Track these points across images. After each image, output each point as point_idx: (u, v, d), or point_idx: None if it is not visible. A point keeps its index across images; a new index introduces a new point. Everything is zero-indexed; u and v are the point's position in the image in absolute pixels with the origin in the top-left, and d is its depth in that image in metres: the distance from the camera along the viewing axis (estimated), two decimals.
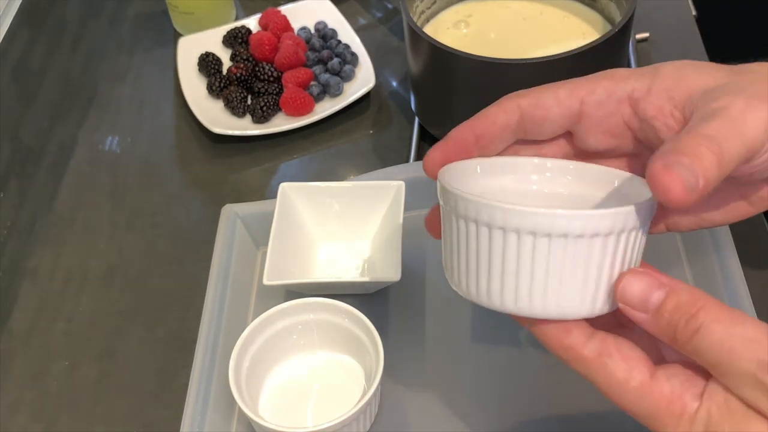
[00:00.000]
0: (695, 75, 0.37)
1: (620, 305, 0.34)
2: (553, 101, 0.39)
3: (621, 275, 0.35)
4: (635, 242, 0.35)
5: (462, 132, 0.40)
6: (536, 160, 0.41)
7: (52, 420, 0.55)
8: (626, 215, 0.34)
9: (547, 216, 0.33)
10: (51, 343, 0.60)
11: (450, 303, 0.57)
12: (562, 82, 0.40)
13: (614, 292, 0.35)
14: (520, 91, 0.40)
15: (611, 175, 0.40)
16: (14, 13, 0.80)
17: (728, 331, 0.32)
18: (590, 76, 0.39)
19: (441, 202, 0.38)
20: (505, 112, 0.40)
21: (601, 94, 0.39)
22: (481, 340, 0.55)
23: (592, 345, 0.35)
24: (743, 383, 0.32)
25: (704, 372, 0.34)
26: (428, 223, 0.43)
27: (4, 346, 0.60)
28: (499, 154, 0.41)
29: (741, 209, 0.41)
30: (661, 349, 0.38)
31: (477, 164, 0.41)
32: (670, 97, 0.37)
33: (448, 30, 0.69)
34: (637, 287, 0.34)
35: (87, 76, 0.83)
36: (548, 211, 0.33)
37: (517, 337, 0.55)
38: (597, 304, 0.35)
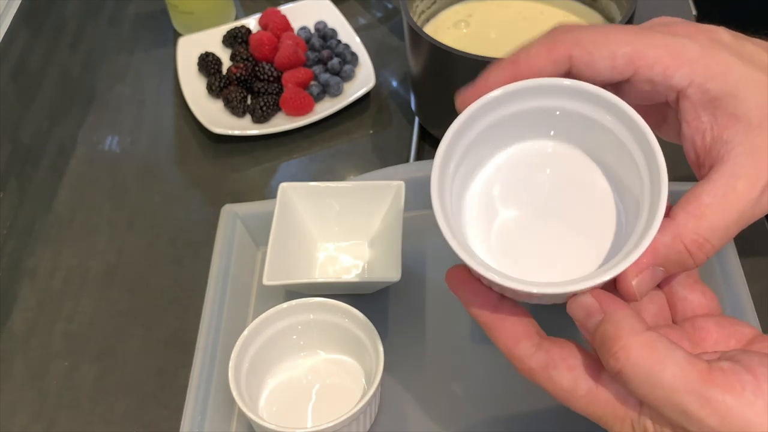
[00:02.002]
0: (732, 75, 0.35)
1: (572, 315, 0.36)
2: (608, 63, 0.35)
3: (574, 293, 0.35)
4: None
5: (500, 72, 0.37)
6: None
7: (51, 420, 0.55)
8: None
9: (527, 288, 0.35)
10: (51, 343, 0.60)
11: (450, 303, 0.57)
12: (620, 35, 0.36)
13: (568, 303, 0.36)
14: (572, 32, 0.36)
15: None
16: (14, 13, 0.80)
17: (647, 380, 0.32)
18: (653, 34, 0.36)
19: None
20: (554, 62, 0.36)
21: (657, 75, 0.35)
22: (481, 340, 0.55)
23: (538, 356, 0.36)
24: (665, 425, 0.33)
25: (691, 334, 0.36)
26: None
27: (4, 346, 0.60)
28: None
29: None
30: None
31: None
32: (706, 105, 0.35)
33: (448, 30, 0.69)
34: (583, 305, 0.35)
35: (86, 76, 0.83)
36: (525, 288, 0.35)
37: None
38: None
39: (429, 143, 0.70)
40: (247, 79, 0.75)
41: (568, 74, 0.36)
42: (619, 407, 0.34)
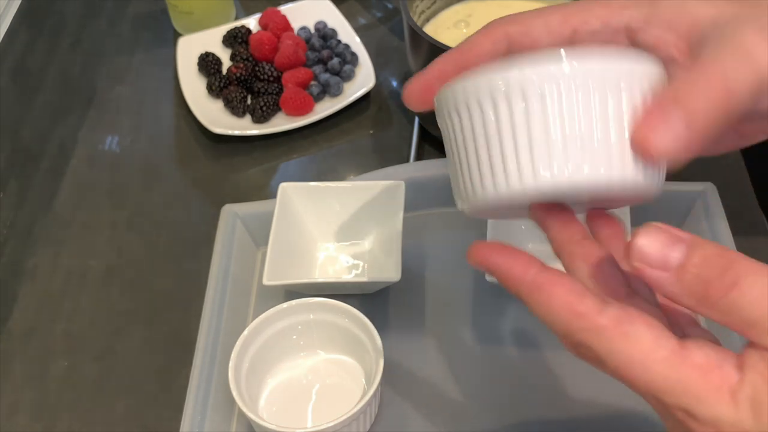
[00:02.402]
0: (698, 4, 0.34)
1: (636, 265, 0.29)
2: (543, 29, 0.36)
3: (635, 232, 0.30)
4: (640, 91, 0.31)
5: (444, 63, 0.37)
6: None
7: (51, 420, 0.55)
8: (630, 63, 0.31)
9: (540, 67, 0.30)
10: (51, 343, 0.60)
11: (450, 303, 0.57)
12: (554, 7, 0.37)
13: (628, 254, 0.30)
14: (507, 17, 0.38)
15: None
16: (14, 13, 0.80)
17: None
18: (583, 2, 0.37)
19: (439, 116, 0.35)
20: (492, 41, 0.37)
21: (596, 23, 0.36)
22: (481, 340, 0.55)
23: (610, 311, 0.30)
24: None
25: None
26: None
27: (4, 346, 0.60)
28: None
29: (731, 141, 0.39)
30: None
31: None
32: (672, 28, 0.34)
33: (448, 30, 0.69)
34: (653, 242, 0.29)
35: (87, 76, 0.83)
36: (538, 65, 0.30)
37: (517, 337, 0.55)
38: (626, 166, 0.31)
39: (429, 143, 0.70)
40: (247, 79, 0.75)
41: (509, 51, 0.37)
42: (715, 372, 0.29)
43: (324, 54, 0.77)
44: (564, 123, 0.31)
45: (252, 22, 0.82)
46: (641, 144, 0.31)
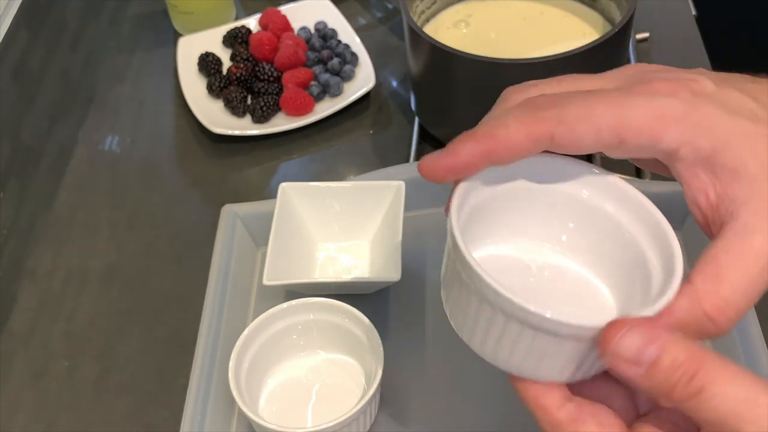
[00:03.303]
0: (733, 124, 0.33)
1: (610, 358, 0.32)
2: (592, 138, 0.34)
3: (614, 326, 0.32)
4: None
5: (475, 149, 0.34)
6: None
7: (52, 420, 0.55)
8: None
9: (536, 315, 0.32)
10: (51, 343, 0.60)
11: None
12: (604, 101, 0.34)
13: (604, 344, 0.32)
14: (554, 106, 0.34)
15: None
16: (14, 13, 0.80)
17: (733, 393, 0.30)
18: (635, 98, 0.34)
19: (447, 252, 0.36)
20: (534, 141, 0.34)
21: (645, 141, 0.34)
22: None
23: (568, 408, 0.34)
24: None
25: (685, 426, 0.33)
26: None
27: (4, 346, 0.60)
28: None
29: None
30: (636, 401, 0.36)
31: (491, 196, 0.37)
32: (702, 163, 0.33)
33: (448, 30, 0.69)
34: (631, 342, 0.31)
35: (87, 76, 0.83)
36: (538, 312, 0.32)
37: None
38: (576, 375, 0.35)
39: (429, 143, 0.70)
40: (248, 79, 0.75)
41: (548, 149, 0.35)
42: None
43: (324, 54, 0.77)
44: (530, 348, 0.34)
45: (252, 23, 0.82)
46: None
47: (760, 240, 0.32)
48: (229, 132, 0.72)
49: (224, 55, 0.80)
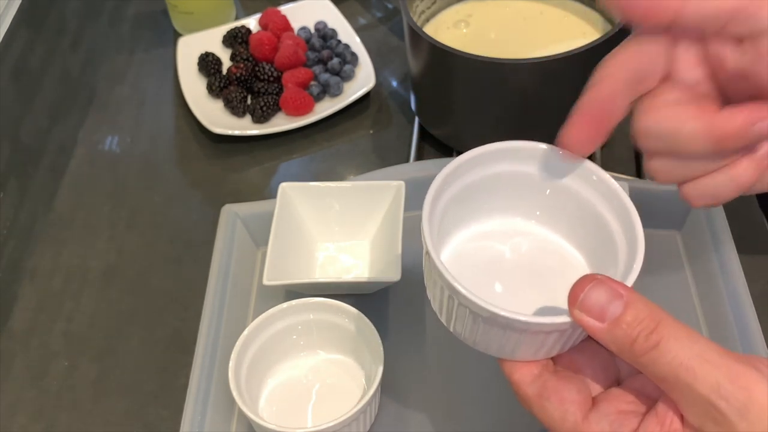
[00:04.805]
0: None
1: (576, 313, 0.35)
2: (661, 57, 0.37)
3: (581, 282, 0.35)
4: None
5: (591, 110, 0.39)
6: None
7: (51, 420, 0.55)
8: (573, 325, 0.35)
9: (503, 317, 0.35)
10: (51, 343, 0.60)
11: None
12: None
13: (571, 299, 0.35)
14: (616, 60, 0.38)
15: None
16: (14, 13, 0.80)
17: (687, 349, 0.33)
18: None
19: (425, 256, 0.40)
20: (622, 79, 0.38)
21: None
22: None
23: (534, 385, 0.38)
24: (695, 404, 0.33)
25: (647, 402, 0.36)
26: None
27: (4, 346, 0.60)
28: None
29: None
30: (619, 366, 0.39)
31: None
32: None
33: (448, 30, 0.69)
34: (596, 296, 0.34)
35: (87, 76, 0.83)
36: (506, 315, 0.35)
37: None
38: (552, 353, 0.38)
39: (429, 143, 0.70)
40: (247, 79, 0.75)
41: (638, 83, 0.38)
42: None
43: (324, 54, 0.77)
44: (501, 340, 0.38)
45: (252, 22, 0.82)
46: None
47: None
48: (229, 132, 0.72)
49: (224, 55, 0.80)
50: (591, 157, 0.41)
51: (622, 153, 0.67)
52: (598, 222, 0.40)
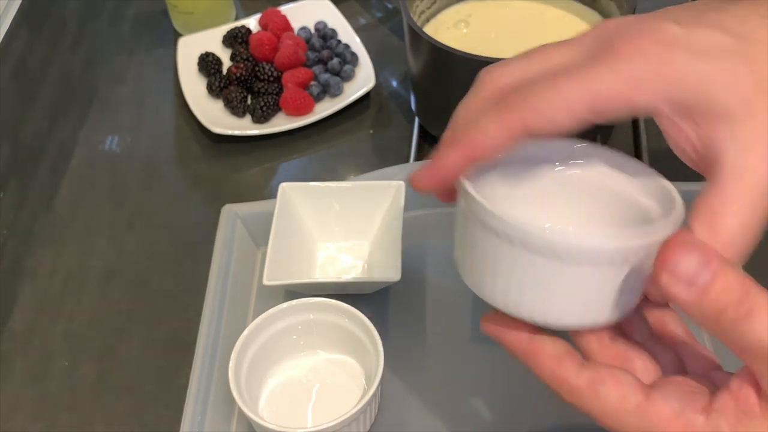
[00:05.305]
0: (694, 67, 0.33)
1: (665, 279, 0.31)
2: (566, 119, 0.34)
3: (673, 244, 0.32)
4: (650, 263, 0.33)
5: (457, 157, 0.36)
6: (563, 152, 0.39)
7: (52, 420, 0.55)
8: (646, 246, 0.33)
9: (564, 243, 0.32)
10: (51, 343, 0.60)
11: (450, 303, 0.57)
12: (574, 77, 0.34)
13: (661, 262, 0.31)
14: (523, 96, 0.34)
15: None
16: (14, 13, 0.80)
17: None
18: (602, 65, 0.34)
19: (460, 202, 0.37)
20: (511, 136, 0.35)
21: (621, 106, 0.34)
22: (481, 340, 0.55)
23: (584, 374, 0.35)
24: None
25: (708, 384, 0.34)
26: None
27: (4, 346, 0.60)
28: None
29: None
30: (680, 354, 0.37)
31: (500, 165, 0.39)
32: (682, 114, 0.34)
33: (448, 30, 0.69)
34: (689, 263, 0.31)
35: (87, 76, 0.83)
36: (565, 238, 0.32)
37: None
38: (611, 316, 0.35)
39: (429, 143, 0.70)
40: (248, 79, 0.75)
41: (528, 138, 0.35)
42: (678, 419, 0.33)
43: (324, 54, 0.77)
44: (564, 285, 0.34)
45: (252, 23, 0.82)
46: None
47: (748, 179, 0.32)
48: (229, 132, 0.72)
49: (224, 55, 0.80)
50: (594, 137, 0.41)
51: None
52: (624, 198, 0.39)
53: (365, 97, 0.75)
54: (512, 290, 0.35)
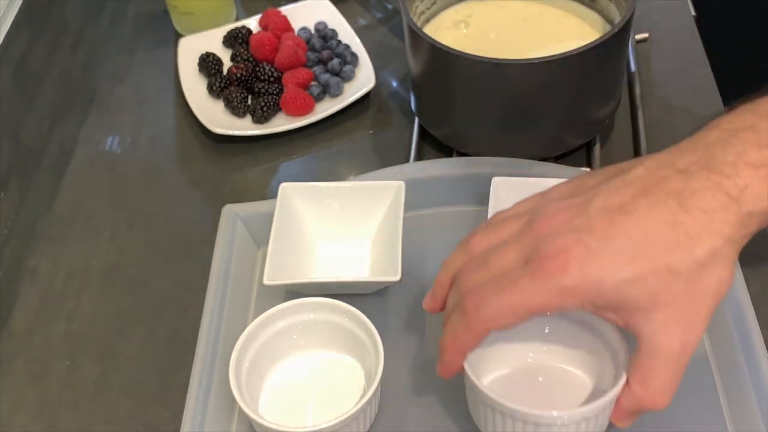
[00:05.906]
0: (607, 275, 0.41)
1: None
2: (514, 320, 0.43)
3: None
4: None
5: (451, 358, 0.46)
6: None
7: (52, 420, 0.55)
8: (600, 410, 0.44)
9: (547, 418, 0.44)
10: (51, 343, 0.60)
11: None
12: (517, 285, 0.42)
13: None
14: (473, 308, 0.43)
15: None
16: (14, 13, 0.80)
17: None
18: (535, 284, 0.42)
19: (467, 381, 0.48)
20: (479, 336, 0.45)
21: (555, 310, 0.43)
22: None
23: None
24: None
25: None
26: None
27: (4, 346, 0.60)
28: None
29: None
30: None
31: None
32: (602, 310, 0.43)
33: (448, 30, 0.69)
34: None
35: (87, 77, 0.83)
36: (538, 414, 0.44)
37: None
38: None
39: (429, 143, 0.70)
40: (248, 79, 0.75)
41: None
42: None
43: (324, 54, 0.77)
44: None
45: (252, 23, 0.82)
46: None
47: (665, 351, 0.41)
48: (230, 132, 0.72)
49: (224, 56, 0.80)
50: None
51: (621, 153, 0.67)
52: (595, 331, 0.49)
53: (365, 98, 0.75)
54: None
